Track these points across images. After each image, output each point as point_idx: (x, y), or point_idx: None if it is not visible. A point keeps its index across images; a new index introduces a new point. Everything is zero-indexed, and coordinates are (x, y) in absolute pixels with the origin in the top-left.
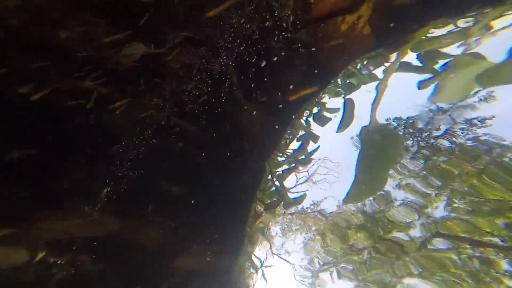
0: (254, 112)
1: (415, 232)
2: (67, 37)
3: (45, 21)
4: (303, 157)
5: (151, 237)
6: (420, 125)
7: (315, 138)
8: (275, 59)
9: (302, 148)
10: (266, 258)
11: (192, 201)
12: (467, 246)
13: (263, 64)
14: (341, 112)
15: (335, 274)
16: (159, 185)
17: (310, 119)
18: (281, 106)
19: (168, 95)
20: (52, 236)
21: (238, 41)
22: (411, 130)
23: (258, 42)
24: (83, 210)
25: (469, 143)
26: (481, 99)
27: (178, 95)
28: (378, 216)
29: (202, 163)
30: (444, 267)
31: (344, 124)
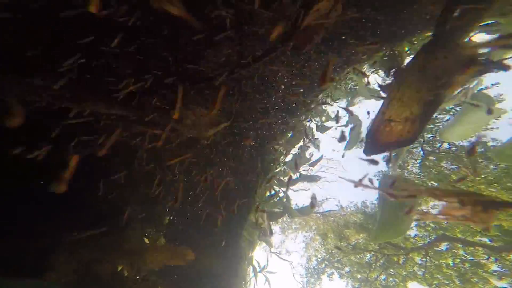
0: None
1: (410, 232)
2: None
3: None
4: (310, 173)
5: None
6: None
7: (317, 145)
8: None
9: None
10: (267, 262)
11: None
12: (459, 245)
13: None
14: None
15: (335, 274)
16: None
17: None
18: None
19: None
20: None
21: None
22: None
23: None
24: None
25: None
26: None
27: None
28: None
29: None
30: (439, 268)
31: (351, 144)
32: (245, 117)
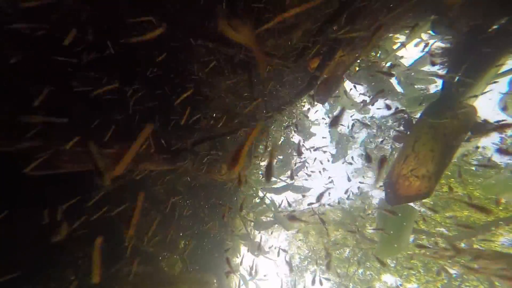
0: None
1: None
2: None
3: None
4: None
5: None
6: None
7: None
8: None
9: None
10: (255, 268)
11: None
12: (423, 236)
13: None
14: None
15: (318, 271)
16: None
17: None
18: None
19: None
20: None
21: None
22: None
23: None
24: None
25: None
26: None
27: None
28: (355, 213)
29: None
30: (408, 259)
31: (338, 157)
32: None
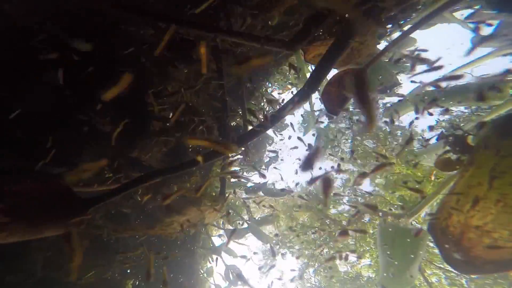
0: None
1: (344, 207)
2: None
3: None
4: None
5: None
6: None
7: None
8: None
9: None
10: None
11: None
12: (378, 216)
13: None
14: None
15: (288, 254)
16: None
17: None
18: None
19: None
20: None
21: None
22: (344, 114)
23: None
24: None
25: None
26: None
27: None
28: (320, 196)
29: None
30: (364, 238)
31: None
32: None
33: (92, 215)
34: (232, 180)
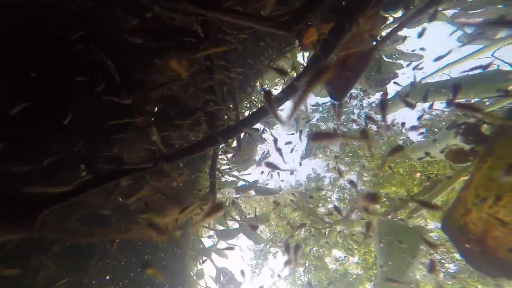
0: None
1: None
2: None
3: None
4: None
5: None
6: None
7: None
8: None
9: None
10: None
11: None
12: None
13: None
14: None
15: (279, 252)
16: None
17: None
18: None
19: None
20: None
21: None
22: (332, 113)
23: None
24: None
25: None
26: None
27: None
28: (310, 194)
29: None
30: (351, 236)
31: (305, 156)
32: None
33: (64, 217)
34: (223, 179)
